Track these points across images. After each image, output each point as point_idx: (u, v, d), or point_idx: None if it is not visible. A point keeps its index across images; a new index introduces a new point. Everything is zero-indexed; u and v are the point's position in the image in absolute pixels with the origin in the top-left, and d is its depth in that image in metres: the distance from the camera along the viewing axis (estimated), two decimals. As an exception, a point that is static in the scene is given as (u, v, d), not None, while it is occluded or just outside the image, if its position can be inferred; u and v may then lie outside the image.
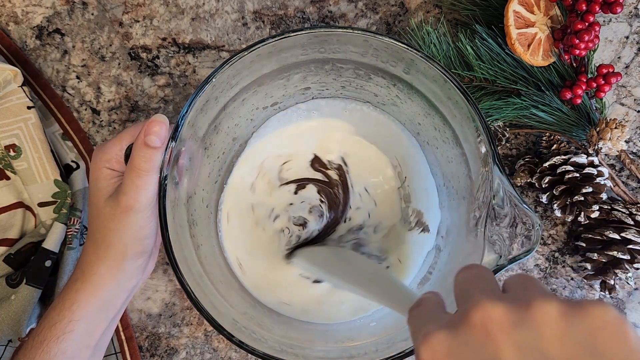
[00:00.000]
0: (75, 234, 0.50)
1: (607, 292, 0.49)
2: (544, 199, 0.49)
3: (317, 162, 0.47)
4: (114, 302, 0.42)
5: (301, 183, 0.47)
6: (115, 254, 0.40)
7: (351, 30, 0.36)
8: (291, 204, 0.47)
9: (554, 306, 0.22)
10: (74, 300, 0.40)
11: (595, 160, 0.48)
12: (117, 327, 0.51)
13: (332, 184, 0.47)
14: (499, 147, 0.51)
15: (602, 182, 0.47)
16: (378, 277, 0.39)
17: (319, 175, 0.47)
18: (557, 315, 0.21)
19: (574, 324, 0.21)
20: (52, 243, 0.47)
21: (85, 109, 0.52)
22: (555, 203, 0.48)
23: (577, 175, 0.47)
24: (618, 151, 0.47)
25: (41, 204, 0.49)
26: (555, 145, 0.49)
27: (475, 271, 0.26)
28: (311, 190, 0.47)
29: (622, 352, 0.20)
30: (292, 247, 0.47)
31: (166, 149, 0.36)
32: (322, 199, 0.47)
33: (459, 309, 0.24)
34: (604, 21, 0.51)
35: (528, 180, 0.50)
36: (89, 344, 0.41)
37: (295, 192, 0.47)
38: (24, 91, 0.48)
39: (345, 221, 0.47)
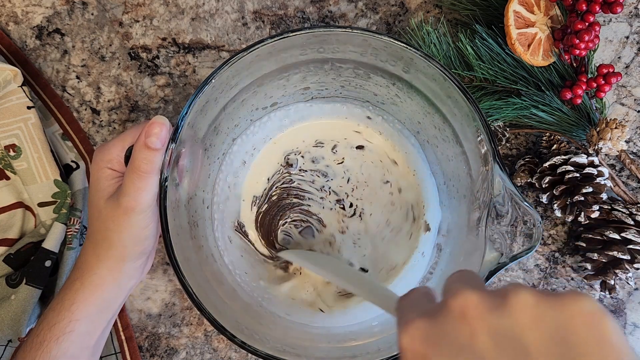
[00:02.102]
0: (75, 234, 0.49)
1: (607, 292, 0.49)
2: (544, 199, 0.49)
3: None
4: (114, 303, 0.42)
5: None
6: (116, 255, 0.40)
7: (350, 30, 0.36)
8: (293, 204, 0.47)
9: (529, 294, 0.22)
10: (74, 300, 0.40)
11: (596, 160, 0.48)
12: (117, 327, 0.51)
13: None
14: (499, 147, 0.51)
15: (602, 182, 0.47)
16: (362, 278, 0.40)
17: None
18: (532, 302, 0.21)
19: (549, 311, 0.21)
20: (52, 243, 0.47)
21: (85, 109, 0.52)
22: (556, 203, 0.48)
23: (577, 175, 0.47)
24: (618, 151, 0.47)
25: (41, 204, 0.49)
26: (555, 145, 0.49)
27: (463, 272, 0.27)
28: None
29: (596, 341, 0.20)
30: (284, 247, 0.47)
31: (166, 150, 0.36)
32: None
33: (443, 297, 0.25)
34: (604, 21, 0.51)
35: (528, 180, 0.50)
36: (89, 344, 0.41)
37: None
38: (24, 91, 0.48)
39: (345, 220, 0.47)
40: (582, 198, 0.47)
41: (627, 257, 0.47)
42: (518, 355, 0.21)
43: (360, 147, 0.48)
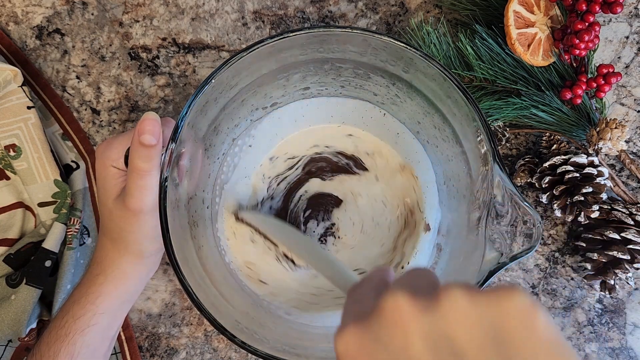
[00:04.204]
0: (75, 234, 0.49)
1: (607, 292, 0.49)
2: (544, 199, 0.49)
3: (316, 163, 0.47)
4: (134, 295, 0.44)
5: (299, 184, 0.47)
6: (135, 251, 0.41)
7: (350, 30, 0.36)
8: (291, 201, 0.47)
9: (461, 293, 0.21)
10: (99, 294, 0.41)
11: (595, 160, 0.48)
12: (117, 327, 0.51)
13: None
14: (499, 147, 0.51)
15: (602, 182, 0.47)
16: (325, 255, 0.38)
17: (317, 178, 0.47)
18: (465, 302, 0.21)
19: (482, 309, 0.20)
20: (52, 243, 0.47)
21: (85, 109, 0.52)
22: (555, 203, 0.48)
23: (577, 175, 0.47)
24: (618, 151, 0.47)
25: (41, 204, 0.49)
26: (555, 145, 0.49)
27: (413, 271, 0.26)
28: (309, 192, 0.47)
29: (530, 340, 0.20)
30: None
31: (166, 150, 0.36)
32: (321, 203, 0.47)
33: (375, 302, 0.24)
34: (604, 21, 0.51)
35: (528, 180, 0.50)
36: (109, 335, 0.43)
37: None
38: (24, 91, 0.48)
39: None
40: (582, 198, 0.47)
41: (627, 257, 0.47)
42: (454, 357, 0.20)
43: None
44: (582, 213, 0.48)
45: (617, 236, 0.47)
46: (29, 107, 0.48)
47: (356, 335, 0.22)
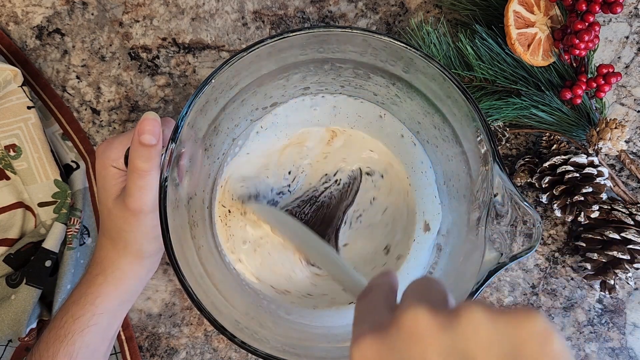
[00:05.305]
0: (75, 234, 0.49)
1: (607, 292, 0.49)
2: (544, 199, 0.49)
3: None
4: (134, 295, 0.44)
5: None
6: (134, 252, 0.41)
7: (350, 30, 0.36)
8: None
9: (481, 312, 0.21)
10: (98, 294, 0.41)
11: (595, 160, 0.48)
12: (117, 327, 0.51)
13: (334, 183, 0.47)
14: (499, 147, 0.51)
15: (602, 182, 0.47)
16: (333, 254, 0.38)
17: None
18: (485, 322, 0.21)
19: (501, 331, 0.21)
20: (52, 243, 0.47)
21: (85, 109, 0.52)
22: (555, 203, 0.48)
23: (577, 175, 0.47)
24: (618, 151, 0.47)
25: (41, 204, 0.49)
26: (555, 145, 0.49)
27: (423, 281, 0.26)
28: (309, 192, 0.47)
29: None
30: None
31: (166, 150, 0.36)
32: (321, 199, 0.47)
33: (397, 310, 0.24)
34: (604, 21, 0.51)
35: (528, 180, 0.50)
36: (109, 336, 0.43)
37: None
38: (24, 91, 0.48)
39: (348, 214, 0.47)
40: (582, 198, 0.47)
41: (627, 257, 0.47)
42: None
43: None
44: (582, 213, 0.48)
45: (617, 236, 0.47)
46: (29, 107, 0.48)
47: (374, 346, 0.22)
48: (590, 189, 0.46)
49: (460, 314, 0.21)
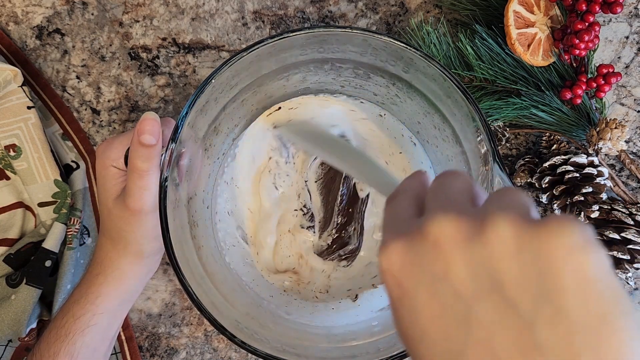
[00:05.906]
0: (75, 234, 0.49)
1: (607, 292, 0.49)
2: (544, 199, 0.49)
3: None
4: (134, 295, 0.44)
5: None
6: (134, 252, 0.41)
7: (350, 30, 0.36)
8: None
9: (509, 223, 0.20)
10: (98, 294, 0.41)
11: (595, 160, 0.48)
12: (117, 327, 0.51)
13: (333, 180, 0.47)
14: (499, 147, 0.51)
15: (602, 182, 0.47)
16: (364, 158, 0.38)
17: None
18: (511, 233, 0.19)
19: (528, 242, 0.19)
20: (52, 243, 0.47)
21: (85, 109, 0.52)
22: (555, 203, 0.48)
23: (577, 175, 0.47)
24: (618, 151, 0.47)
25: (41, 204, 0.49)
26: (555, 145, 0.49)
27: (450, 179, 0.25)
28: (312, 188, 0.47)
29: (575, 278, 0.18)
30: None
31: (166, 150, 0.36)
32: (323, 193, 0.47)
33: (423, 217, 0.23)
34: (604, 21, 0.51)
35: (528, 180, 0.50)
36: (109, 335, 0.43)
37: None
38: (24, 91, 0.48)
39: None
40: (582, 198, 0.47)
41: (627, 257, 0.47)
42: (493, 288, 0.19)
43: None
44: (582, 213, 0.48)
45: (617, 236, 0.47)
46: (29, 107, 0.48)
47: (400, 254, 0.22)
48: (590, 189, 0.46)
49: (486, 223, 0.20)
